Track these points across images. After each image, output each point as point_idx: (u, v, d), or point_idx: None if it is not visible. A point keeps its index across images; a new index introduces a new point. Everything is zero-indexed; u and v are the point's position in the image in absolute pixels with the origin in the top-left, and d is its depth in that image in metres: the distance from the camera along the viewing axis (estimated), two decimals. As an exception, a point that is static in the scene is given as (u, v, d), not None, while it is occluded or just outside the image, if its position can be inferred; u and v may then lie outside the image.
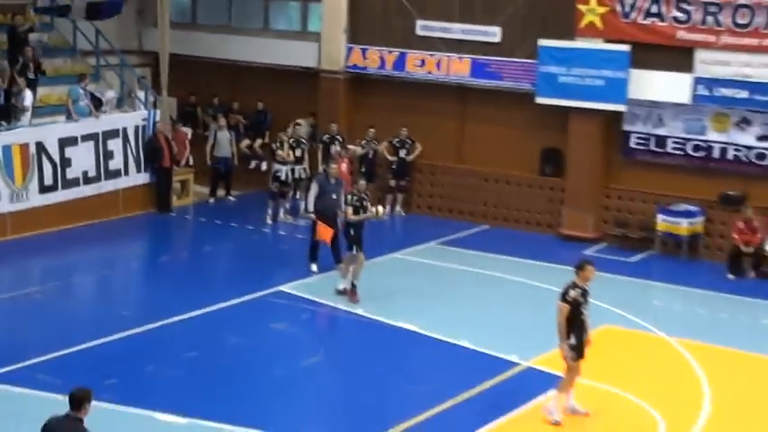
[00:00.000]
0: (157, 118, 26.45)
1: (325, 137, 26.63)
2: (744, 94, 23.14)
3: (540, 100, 24.87)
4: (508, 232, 25.50)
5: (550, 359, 15.52)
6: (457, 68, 26.18)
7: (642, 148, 24.64)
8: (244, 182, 27.88)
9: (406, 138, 26.68)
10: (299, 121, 26.86)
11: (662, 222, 24.00)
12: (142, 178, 25.96)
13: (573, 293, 14.05)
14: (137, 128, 25.94)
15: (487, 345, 17.16)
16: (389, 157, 26.72)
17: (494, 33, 25.75)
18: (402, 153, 26.67)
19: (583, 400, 14.86)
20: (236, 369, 16.11)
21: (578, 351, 14.17)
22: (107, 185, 25.06)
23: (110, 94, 26.38)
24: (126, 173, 25.59)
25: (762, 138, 23.48)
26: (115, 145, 25.30)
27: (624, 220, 24.80)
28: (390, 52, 26.89)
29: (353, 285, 19.42)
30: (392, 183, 26.71)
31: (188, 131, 28.27)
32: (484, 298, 20.21)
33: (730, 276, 22.56)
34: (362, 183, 20.27)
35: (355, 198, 19.69)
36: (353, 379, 16.22)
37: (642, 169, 24.72)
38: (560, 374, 15.39)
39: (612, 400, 15.38)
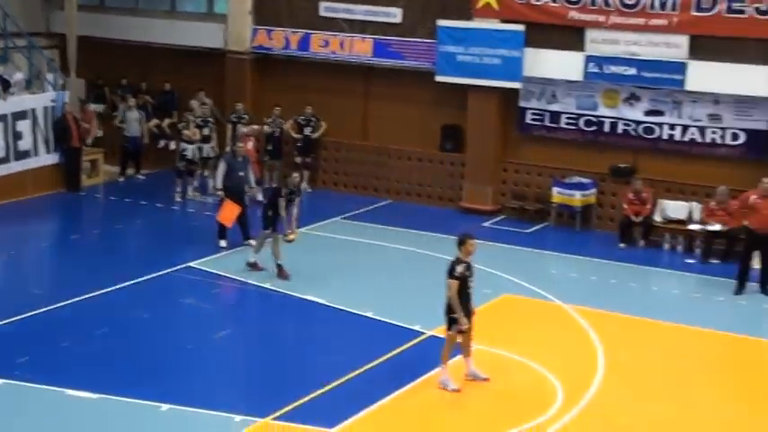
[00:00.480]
0: (66, 99, 25.91)
1: (233, 116, 26.48)
2: (632, 72, 23.43)
3: (440, 78, 24.94)
4: (411, 206, 25.57)
5: None
6: (360, 48, 26.12)
7: (537, 123, 24.84)
8: (153, 161, 27.53)
9: (311, 116, 26.56)
10: (192, 102, 26.82)
11: (557, 195, 24.21)
12: (51, 159, 25.52)
13: (459, 269, 14.09)
14: (45, 109, 25.48)
15: (392, 315, 17.16)
16: (295, 135, 26.61)
17: (395, 14, 25.73)
18: (307, 131, 26.55)
19: (484, 367, 14.93)
20: (147, 345, 15.89)
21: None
22: (16, 166, 24.54)
23: (18, 76, 25.78)
24: (35, 153, 25.11)
25: (649, 112, 23.80)
26: (24, 126, 24.80)
27: (521, 193, 24.98)
28: (295, 33, 26.74)
29: (279, 265, 19.19)
30: (298, 160, 26.54)
31: (98, 107, 28.04)
32: (388, 270, 20.23)
33: (621, 245, 22.85)
34: (296, 176, 19.84)
35: (289, 190, 19.32)
36: (264, 351, 16.14)
37: (538, 144, 24.95)
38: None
39: (512, 366, 15.46)
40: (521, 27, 24.22)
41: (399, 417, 13.74)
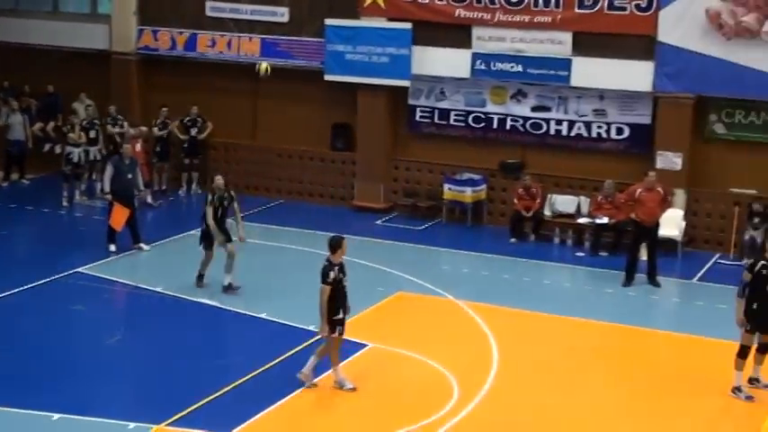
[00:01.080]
0: (-55, 103, 25.40)
1: (108, 119, 26.02)
2: (518, 68, 23.68)
3: (329, 77, 24.94)
4: (304, 206, 25.51)
5: (349, 327, 15.43)
6: (247, 48, 25.95)
7: (427, 121, 24.97)
8: (38, 165, 26.84)
9: (196, 116, 26.28)
10: (75, 104, 26.45)
11: (448, 191, 24.37)
12: (-67, 164, 25.00)
13: (333, 274, 13.99)
14: (-75, 114, 25.01)
15: (287, 316, 17.08)
16: (181, 136, 26.30)
17: (282, 14, 25.67)
18: (193, 132, 26.25)
19: (381, 365, 15.13)
20: (36, 353, 15.52)
21: (343, 324, 14.27)
22: None
23: None
24: None
25: (536, 108, 24.09)
26: None
27: (413, 191, 25.09)
28: (181, 33, 26.48)
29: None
30: (186, 161, 26.31)
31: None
32: (281, 270, 20.11)
33: (512, 240, 23.14)
34: (219, 179, 19.07)
35: (216, 197, 18.72)
36: (158, 356, 15.82)
37: (428, 141, 25.08)
38: (363, 342, 15.79)
39: (408, 363, 15.51)
40: (408, 25, 24.29)
41: (295, 418, 13.70)
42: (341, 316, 14.15)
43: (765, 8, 22.03)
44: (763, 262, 14.41)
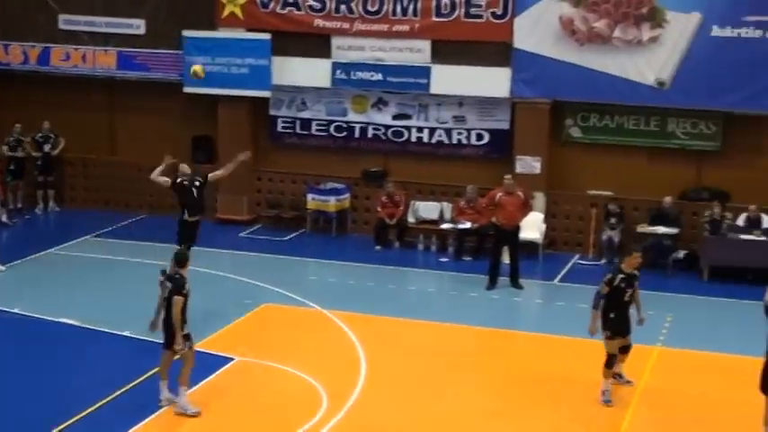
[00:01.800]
0: None
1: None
2: (379, 77, 24.03)
3: (189, 90, 24.78)
4: (167, 220, 24.90)
5: (210, 342, 15.59)
6: (103, 61, 25.68)
7: (289, 131, 25.15)
8: None
9: (48, 132, 25.89)
10: None
11: (312, 201, 24.56)
12: None
13: (188, 285, 13.82)
14: None
15: (149, 332, 16.82)
16: (34, 154, 25.81)
17: (138, 26, 25.50)
18: (46, 148, 25.82)
19: (247, 378, 15.10)
20: None
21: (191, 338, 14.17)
22: None
23: None
24: None
25: (397, 116, 24.45)
26: None
27: (276, 201, 25.19)
28: (33, 47, 26.04)
29: None
30: (40, 179, 25.84)
31: None
32: (141, 287, 19.61)
33: (377, 248, 23.46)
34: (184, 165, 19.09)
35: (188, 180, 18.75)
36: (16, 379, 15.32)
37: (290, 151, 25.22)
38: (229, 356, 15.76)
39: (275, 375, 15.51)
40: (267, 36, 24.38)
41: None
42: (189, 331, 13.99)
43: (616, 14, 22.72)
44: (621, 275, 14.77)
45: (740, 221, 22.44)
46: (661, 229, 22.68)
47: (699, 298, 20.87)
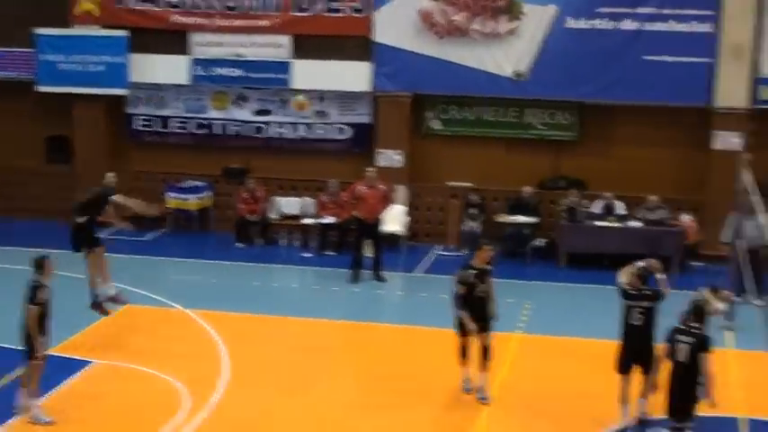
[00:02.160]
0: None
1: None
2: (239, 73, 24.26)
3: (42, 88, 24.59)
4: (21, 223, 24.83)
5: (67, 346, 15.50)
6: (-48, 60, 25.60)
7: (147, 129, 25.17)
8: None
9: None
10: None
11: (172, 200, 24.58)
12: None
13: (41, 294, 13.44)
14: None
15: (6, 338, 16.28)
16: None
17: (-12, 24, 25.48)
18: None
19: (106, 382, 14.93)
20: None
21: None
22: None
23: None
24: None
25: (258, 112, 24.72)
26: None
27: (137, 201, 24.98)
28: None
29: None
30: None
31: None
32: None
33: (240, 245, 23.64)
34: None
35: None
36: None
37: (149, 150, 25.26)
38: (87, 359, 15.55)
39: (137, 378, 15.35)
40: (123, 33, 24.26)
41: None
42: (44, 339, 13.64)
43: (474, 7, 23.35)
44: (472, 271, 14.98)
45: (596, 209, 23.15)
46: (520, 219, 23.35)
47: (557, 284, 21.59)
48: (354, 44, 23.86)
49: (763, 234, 19.23)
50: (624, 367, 13.85)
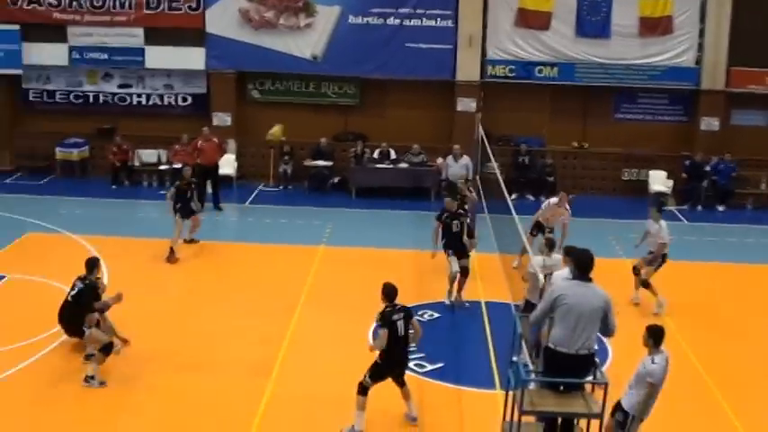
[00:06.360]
0: None
1: None
2: (105, 57, 24.91)
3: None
4: None
5: None
6: None
7: (39, 100, 25.56)
8: None
9: None
10: None
11: (59, 153, 25.11)
12: None
13: None
14: None
15: None
16: None
17: None
18: None
19: (19, 292, 15.56)
20: None
21: None
22: None
23: None
24: None
25: (122, 86, 25.39)
26: None
27: (32, 154, 25.36)
28: None
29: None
30: None
31: None
32: None
33: (113, 187, 24.16)
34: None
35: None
36: None
37: (41, 115, 25.55)
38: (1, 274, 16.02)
39: (40, 288, 15.75)
40: (16, 26, 24.59)
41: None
42: None
43: (280, 6, 24.46)
44: (446, 214, 15.85)
45: (375, 155, 24.41)
46: (320, 163, 24.50)
47: (349, 210, 22.68)
48: (191, 34, 24.57)
49: (468, 172, 21.44)
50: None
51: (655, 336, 9.78)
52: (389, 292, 11.21)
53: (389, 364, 11.14)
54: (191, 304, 15.63)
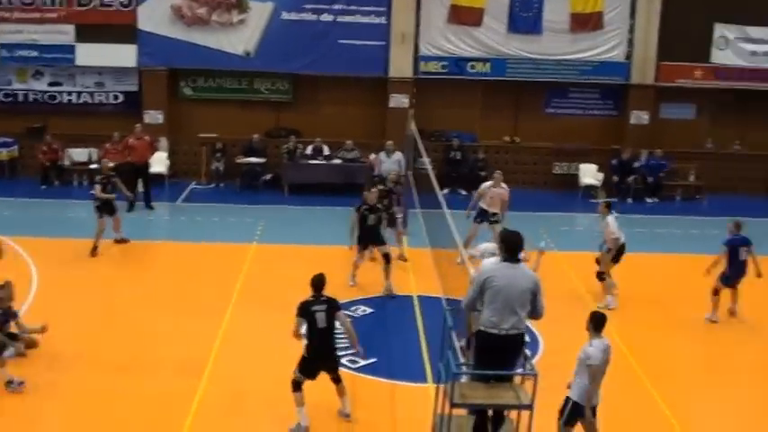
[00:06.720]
0: None
1: None
2: (35, 54, 24.51)
3: None
4: None
5: None
6: None
7: None
8: None
9: None
10: None
11: None
12: None
13: None
14: None
15: None
16: None
17: None
18: None
19: None
20: None
21: None
22: None
23: None
24: None
25: (52, 84, 25.05)
26: None
27: None
28: None
29: None
30: None
31: None
32: None
33: (43, 187, 23.72)
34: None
35: None
36: None
37: None
38: None
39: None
40: None
41: None
42: None
43: (212, 3, 24.30)
44: (364, 206, 16.03)
45: (308, 151, 24.39)
46: (253, 159, 24.42)
47: (282, 207, 22.62)
48: (123, 31, 24.24)
49: (401, 168, 21.35)
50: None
51: (595, 322, 10.00)
52: (314, 282, 11.27)
53: (315, 357, 11.12)
54: (120, 305, 15.47)
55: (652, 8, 24.90)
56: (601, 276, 15.98)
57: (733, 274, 15.44)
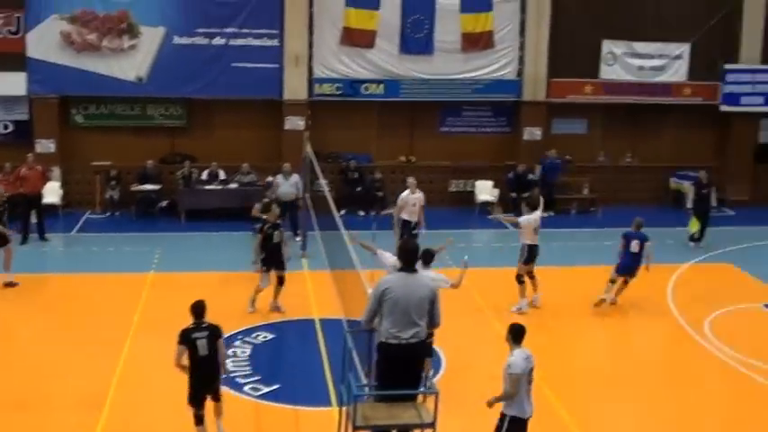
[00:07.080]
0: None
1: None
2: None
3: None
4: None
5: None
6: None
7: None
8: None
9: None
10: None
11: None
12: None
13: None
14: None
15: None
16: None
17: None
18: None
19: None
20: None
21: None
22: None
23: None
24: None
25: None
26: None
27: None
28: None
29: None
30: None
31: None
32: None
33: None
34: None
35: None
36: None
37: None
38: None
39: None
40: None
41: None
42: None
43: (103, 29, 24.03)
44: (267, 225, 15.95)
45: (204, 176, 24.12)
46: (148, 186, 24.10)
47: (180, 234, 22.35)
48: (12, 59, 23.65)
49: (298, 191, 21.28)
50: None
51: (514, 333, 10.13)
52: (194, 308, 11.18)
53: (199, 386, 11.09)
54: (16, 340, 15.18)
55: (541, 26, 25.57)
56: (518, 279, 16.78)
57: (623, 264, 16.78)
